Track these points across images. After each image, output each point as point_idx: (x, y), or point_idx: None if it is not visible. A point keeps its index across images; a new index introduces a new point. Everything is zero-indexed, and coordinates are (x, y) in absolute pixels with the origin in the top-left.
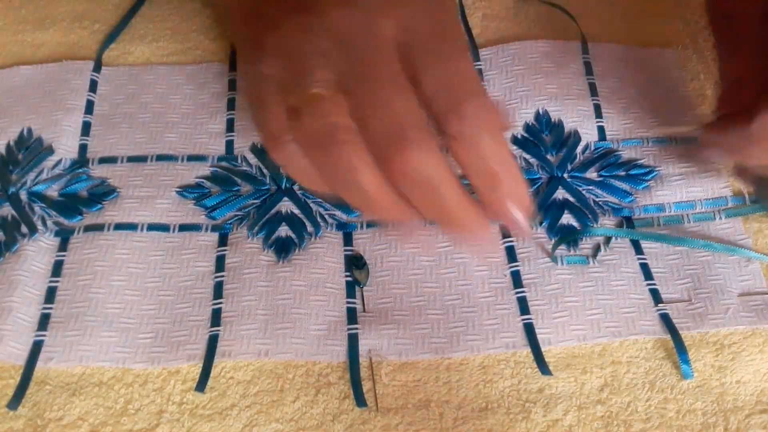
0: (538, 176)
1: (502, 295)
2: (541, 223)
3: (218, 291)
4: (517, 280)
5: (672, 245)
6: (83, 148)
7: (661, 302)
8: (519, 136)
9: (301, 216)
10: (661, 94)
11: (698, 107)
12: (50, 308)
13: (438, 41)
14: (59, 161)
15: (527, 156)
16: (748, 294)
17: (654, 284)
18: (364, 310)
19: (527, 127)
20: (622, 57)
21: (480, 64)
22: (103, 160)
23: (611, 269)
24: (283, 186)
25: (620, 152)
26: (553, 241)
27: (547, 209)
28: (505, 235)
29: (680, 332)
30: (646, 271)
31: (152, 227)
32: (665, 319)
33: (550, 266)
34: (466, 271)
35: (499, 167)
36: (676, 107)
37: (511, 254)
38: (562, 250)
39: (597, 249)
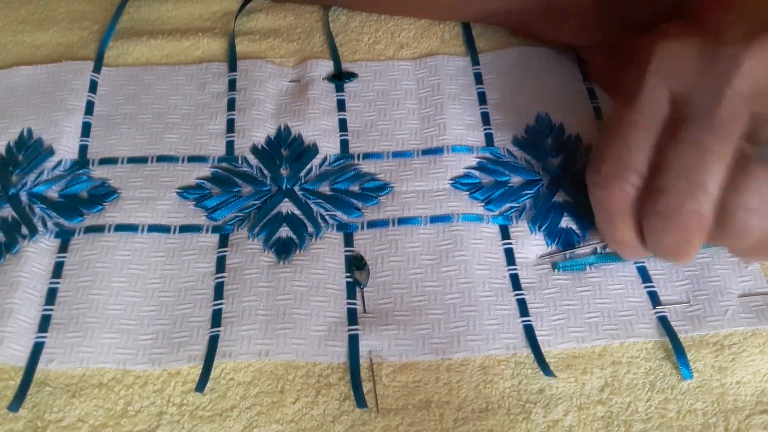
0: (539, 178)
1: (502, 295)
2: (540, 227)
3: (219, 292)
4: (516, 282)
5: None
6: (83, 149)
7: (660, 304)
8: (520, 137)
9: (301, 217)
10: None
11: None
12: (51, 310)
13: None
14: (59, 162)
15: (528, 157)
16: (749, 295)
17: (652, 286)
18: (364, 311)
19: (528, 129)
20: None
21: (479, 68)
22: (104, 161)
23: (608, 274)
24: (284, 187)
25: None
26: (551, 247)
27: (547, 212)
28: (505, 236)
29: (679, 335)
30: (644, 274)
31: (153, 228)
32: (663, 321)
33: (547, 271)
34: (467, 269)
35: None
36: None
37: (510, 257)
38: (559, 257)
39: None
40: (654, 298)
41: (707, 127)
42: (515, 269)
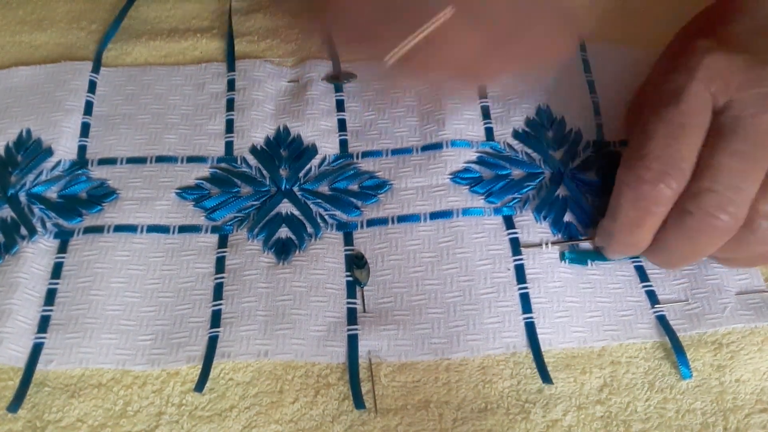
0: (540, 171)
1: (505, 291)
2: (545, 217)
3: (218, 292)
4: (521, 274)
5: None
6: (82, 150)
7: (658, 303)
8: (521, 130)
9: (301, 217)
10: None
11: None
12: (50, 310)
13: None
14: (58, 162)
15: (529, 150)
16: (746, 292)
17: (650, 285)
18: (364, 311)
19: (528, 122)
20: (619, 57)
21: None
22: (103, 162)
23: (607, 272)
24: (283, 187)
25: (620, 152)
26: (557, 236)
27: (551, 205)
28: (509, 226)
29: (678, 334)
30: (642, 273)
31: (152, 229)
32: (662, 320)
33: (554, 261)
34: (468, 267)
35: None
36: None
37: (515, 247)
38: (564, 246)
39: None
40: (652, 297)
41: (753, 140)
42: (521, 259)
